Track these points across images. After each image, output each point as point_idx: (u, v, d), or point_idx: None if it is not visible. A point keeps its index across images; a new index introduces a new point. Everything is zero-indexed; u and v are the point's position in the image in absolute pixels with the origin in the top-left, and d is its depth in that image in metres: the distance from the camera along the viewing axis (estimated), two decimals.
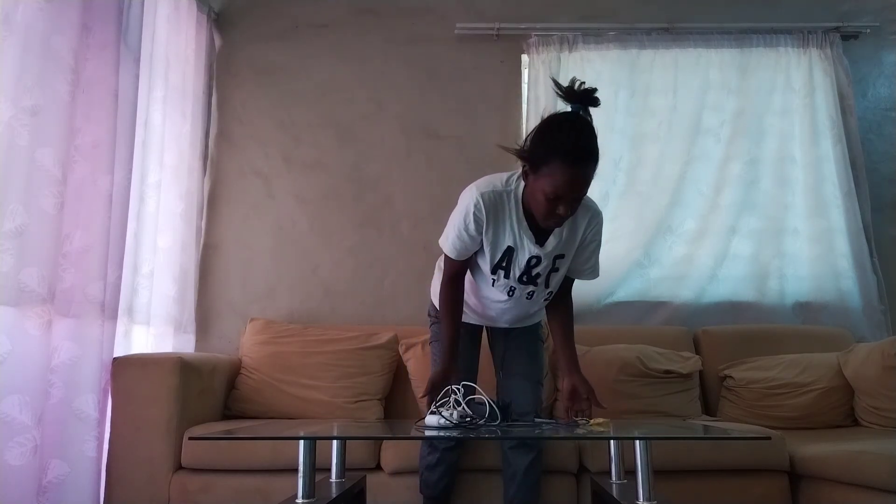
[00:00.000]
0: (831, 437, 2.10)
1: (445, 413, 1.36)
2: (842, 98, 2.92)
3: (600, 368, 2.38)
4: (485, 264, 1.67)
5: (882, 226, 2.90)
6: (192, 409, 2.07)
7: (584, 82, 1.48)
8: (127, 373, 2.00)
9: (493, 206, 1.58)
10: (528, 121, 2.94)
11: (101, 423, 1.90)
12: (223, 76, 3.04)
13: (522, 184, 1.55)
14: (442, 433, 1.32)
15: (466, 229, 1.60)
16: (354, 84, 3.04)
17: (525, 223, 1.60)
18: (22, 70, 1.76)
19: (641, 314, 2.84)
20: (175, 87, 2.67)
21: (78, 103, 1.89)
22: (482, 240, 1.62)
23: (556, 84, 1.49)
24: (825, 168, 2.86)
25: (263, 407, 2.35)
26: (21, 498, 1.67)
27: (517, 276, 1.67)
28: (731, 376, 2.48)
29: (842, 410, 2.36)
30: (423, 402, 1.57)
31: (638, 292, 2.86)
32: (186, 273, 2.71)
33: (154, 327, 2.47)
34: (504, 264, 1.65)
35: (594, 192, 2.92)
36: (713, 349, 2.61)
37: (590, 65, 2.97)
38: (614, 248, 2.85)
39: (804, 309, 2.83)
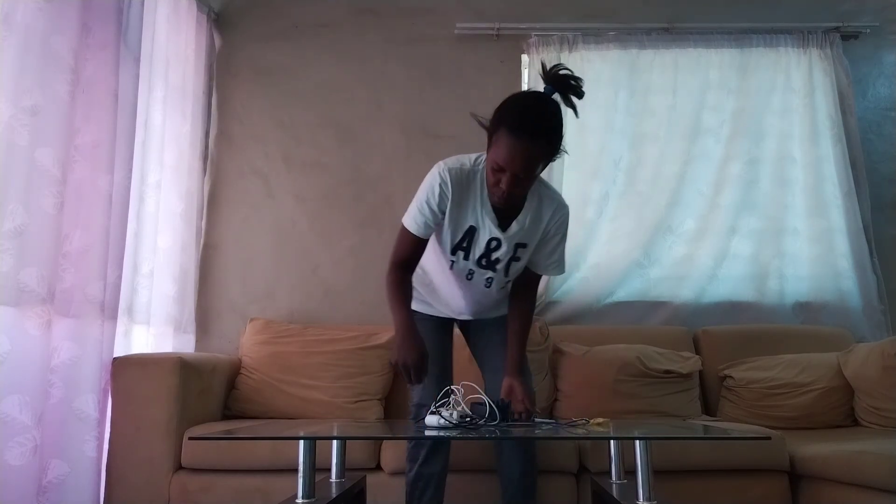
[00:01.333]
0: (831, 437, 2.09)
1: (445, 413, 1.34)
2: (842, 98, 2.92)
3: (600, 368, 2.38)
4: (445, 244, 1.65)
5: (882, 226, 2.90)
6: (192, 409, 2.07)
7: (567, 68, 1.48)
8: (127, 373, 2.00)
9: (458, 183, 1.56)
10: None
11: (101, 423, 1.90)
12: (223, 76, 3.04)
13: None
14: (442, 433, 1.31)
15: (429, 203, 1.58)
16: (354, 84, 3.04)
17: (489, 205, 1.58)
18: (22, 70, 1.76)
19: (641, 314, 2.83)
20: (175, 87, 2.67)
21: (78, 103, 1.89)
22: (444, 218, 1.60)
23: (542, 65, 1.51)
24: (825, 168, 2.86)
25: (263, 407, 2.35)
26: (21, 498, 1.67)
27: (476, 257, 1.65)
28: (731, 376, 2.48)
29: (842, 410, 2.36)
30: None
31: (638, 292, 2.86)
32: (186, 273, 2.71)
33: (154, 327, 2.47)
34: (465, 245, 1.63)
35: (594, 192, 2.97)
36: (713, 349, 2.61)
37: (590, 65, 2.97)
38: (614, 248, 2.85)
39: (804, 309, 2.83)
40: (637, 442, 1.32)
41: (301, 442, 1.34)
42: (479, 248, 1.63)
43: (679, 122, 2.93)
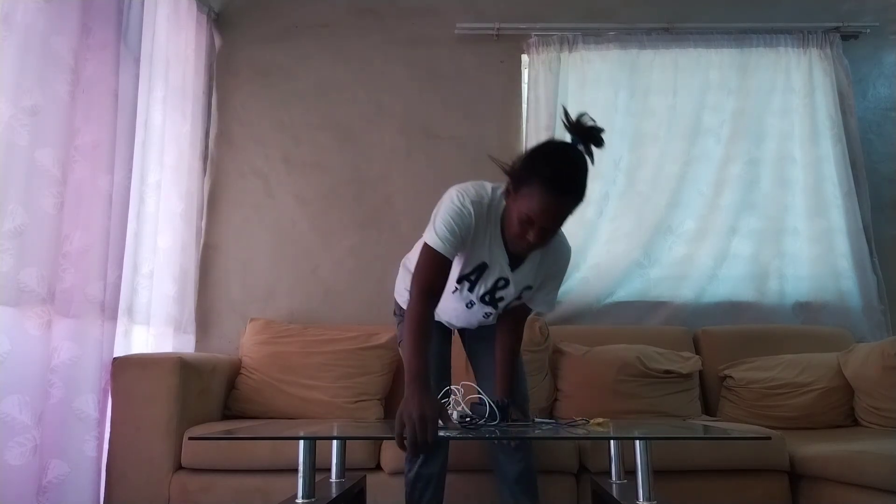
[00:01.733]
0: (831, 437, 2.09)
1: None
2: (842, 98, 2.92)
3: (600, 368, 2.38)
4: (452, 272, 1.59)
5: (882, 226, 2.90)
6: (192, 409, 2.07)
7: (594, 120, 1.45)
8: (127, 373, 2.00)
9: (479, 216, 1.52)
10: (528, 121, 2.94)
11: (101, 423, 1.90)
12: (223, 76, 3.04)
13: (503, 203, 1.53)
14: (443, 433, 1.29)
15: (459, 228, 1.50)
16: (354, 84, 3.04)
17: (501, 243, 1.56)
18: (22, 70, 1.76)
19: (641, 314, 2.83)
20: (175, 88, 2.67)
21: (78, 103, 1.89)
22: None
23: (566, 113, 1.46)
24: (825, 168, 2.86)
25: (263, 407, 2.35)
26: (21, 498, 1.67)
27: (480, 294, 1.62)
28: (731, 376, 2.48)
29: (842, 410, 2.36)
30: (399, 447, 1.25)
31: (638, 292, 2.86)
32: (186, 273, 2.71)
33: (154, 327, 2.47)
34: (472, 278, 1.60)
35: (594, 192, 2.96)
36: (713, 349, 2.61)
37: (590, 65, 2.97)
38: (614, 248, 2.85)
39: (804, 309, 2.83)
40: (637, 442, 1.32)
41: (301, 442, 1.32)
42: (485, 286, 1.61)
43: (679, 122, 2.93)
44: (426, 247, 1.51)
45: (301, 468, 1.32)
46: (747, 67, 2.97)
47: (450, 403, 1.46)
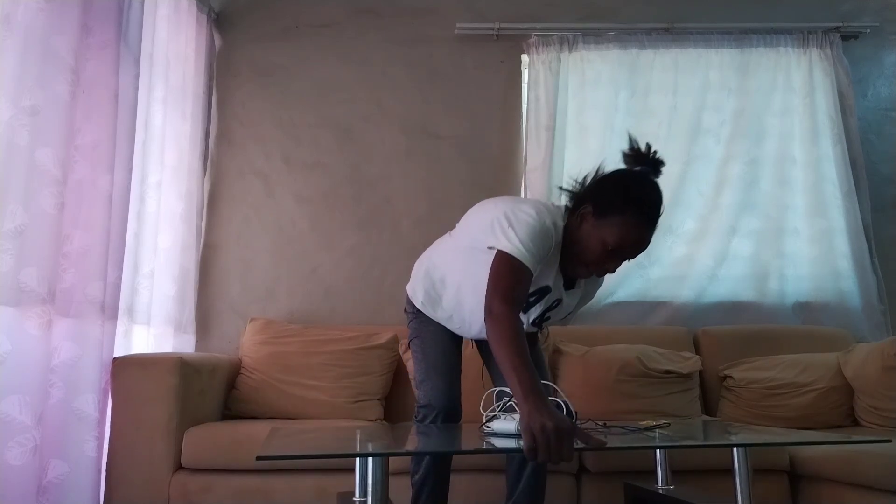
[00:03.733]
0: (831, 437, 2.09)
1: (514, 420, 1.23)
2: (842, 98, 2.92)
3: (600, 368, 2.38)
4: None
5: (882, 226, 2.90)
6: (192, 409, 2.07)
7: (656, 151, 1.50)
8: (127, 373, 2.00)
9: (555, 239, 1.46)
10: (528, 121, 2.93)
11: (101, 423, 1.90)
12: (223, 76, 3.04)
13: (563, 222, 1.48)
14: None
15: (542, 246, 1.41)
16: (354, 84, 3.04)
17: (557, 265, 1.50)
18: (22, 70, 1.76)
19: (641, 314, 2.83)
20: (175, 88, 2.67)
21: (78, 103, 1.89)
22: None
23: (630, 140, 1.49)
24: (825, 168, 2.86)
25: (263, 407, 2.35)
26: (21, 498, 1.67)
27: (533, 317, 1.57)
28: (731, 376, 2.48)
29: (842, 410, 2.36)
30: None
31: (638, 292, 2.86)
32: (186, 273, 2.71)
33: (154, 327, 2.47)
34: (531, 300, 1.53)
35: None
36: (713, 349, 2.61)
37: (590, 65, 2.97)
38: None
39: (804, 309, 2.83)
40: (735, 449, 1.29)
41: (371, 460, 1.14)
42: (541, 308, 1.56)
43: (679, 122, 2.93)
44: (507, 257, 1.39)
45: (371, 492, 1.12)
46: (747, 67, 2.97)
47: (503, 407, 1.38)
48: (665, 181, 2.83)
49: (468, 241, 1.60)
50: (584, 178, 1.53)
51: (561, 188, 1.54)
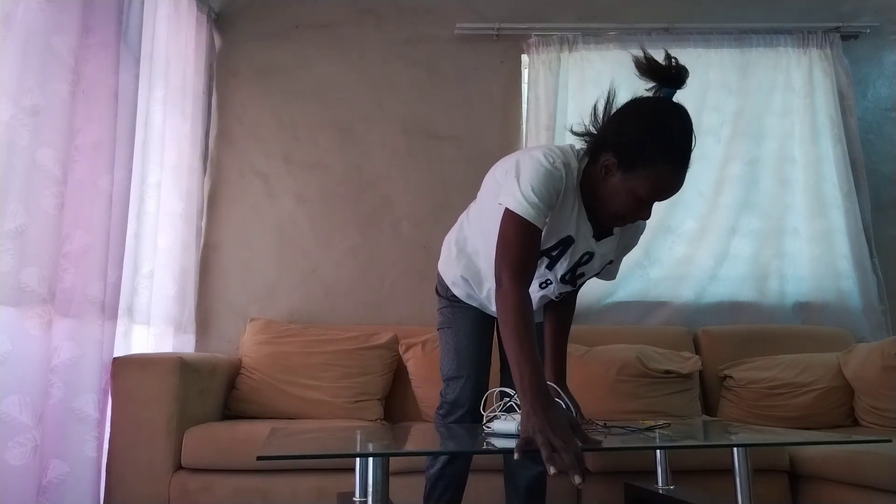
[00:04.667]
0: (832, 437, 2.09)
1: (515, 420, 1.20)
2: (842, 98, 2.92)
3: (600, 368, 2.38)
4: None
5: (882, 226, 2.90)
6: (192, 409, 2.07)
7: (675, 58, 1.29)
8: (127, 373, 2.00)
9: (569, 180, 1.31)
10: (528, 121, 2.93)
11: (101, 423, 1.90)
12: (223, 76, 3.04)
13: (580, 164, 1.35)
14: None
15: (549, 191, 1.27)
16: (354, 84, 3.04)
17: (585, 212, 1.37)
18: (22, 70, 1.75)
19: (641, 314, 2.83)
20: (175, 87, 2.67)
21: (78, 103, 1.89)
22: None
23: (646, 58, 1.29)
24: (825, 168, 2.86)
25: (263, 407, 2.35)
26: (21, 498, 1.67)
27: (561, 273, 1.44)
28: (731, 376, 2.48)
29: (842, 410, 2.36)
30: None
31: (638, 292, 2.86)
32: (186, 273, 2.71)
33: (154, 327, 2.47)
34: (554, 254, 1.40)
35: None
36: (713, 349, 2.61)
37: (590, 65, 2.97)
38: None
39: (804, 309, 2.83)
40: (735, 449, 1.28)
41: (371, 460, 1.12)
42: (569, 262, 1.43)
43: None
44: (513, 217, 1.26)
45: (371, 492, 1.10)
46: (747, 67, 2.97)
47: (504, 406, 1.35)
48: None
49: (493, 192, 1.46)
50: (596, 113, 1.38)
51: (572, 131, 1.38)
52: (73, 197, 1.86)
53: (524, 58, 3.05)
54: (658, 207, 2.79)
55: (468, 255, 1.59)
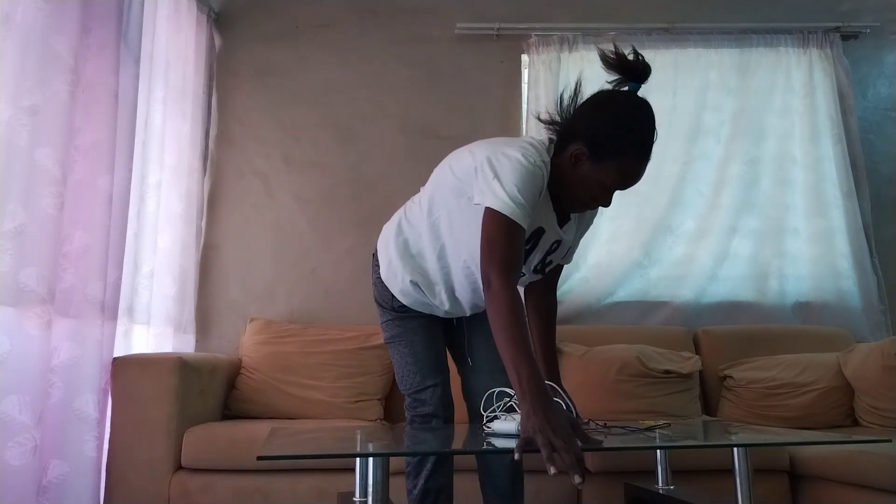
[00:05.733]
0: (831, 437, 2.09)
1: (515, 420, 1.20)
2: (842, 98, 2.92)
3: (600, 368, 2.38)
4: None
5: (882, 226, 2.90)
6: (192, 409, 2.07)
7: (641, 54, 1.33)
8: (127, 373, 2.00)
9: (545, 178, 1.34)
10: (528, 121, 2.93)
11: (101, 423, 1.90)
12: (223, 76, 3.04)
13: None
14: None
15: (533, 192, 1.29)
16: (354, 84, 3.04)
17: (550, 202, 1.40)
18: (22, 70, 1.76)
19: (641, 314, 2.83)
20: (175, 88, 2.67)
21: (78, 103, 1.89)
22: None
23: (616, 54, 1.32)
24: (825, 168, 2.86)
25: (263, 407, 2.35)
26: (21, 498, 1.67)
27: (534, 264, 1.46)
28: (731, 376, 2.48)
29: (842, 410, 2.36)
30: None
31: (638, 292, 2.86)
32: (186, 273, 2.71)
33: (154, 327, 2.47)
34: (528, 247, 1.40)
35: None
36: (713, 349, 2.61)
37: (590, 65, 2.97)
38: (614, 248, 2.85)
39: (804, 309, 2.83)
40: (736, 449, 1.28)
41: (371, 460, 1.12)
42: (540, 253, 1.45)
43: (679, 122, 2.93)
44: (498, 216, 1.25)
45: (371, 492, 1.10)
46: (747, 67, 2.97)
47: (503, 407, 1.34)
48: (665, 181, 2.89)
49: (449, 186, 1.47)
50: (563, 103, 1.41)
51: (540, 119, 1.42)
52: (72, 197, 1.86)
53: (524, 58, 3.05)
54: (658, 207, 2.86)
55: (413, 258, 1.56)
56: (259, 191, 2.96)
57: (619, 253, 2.85)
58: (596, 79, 3.14)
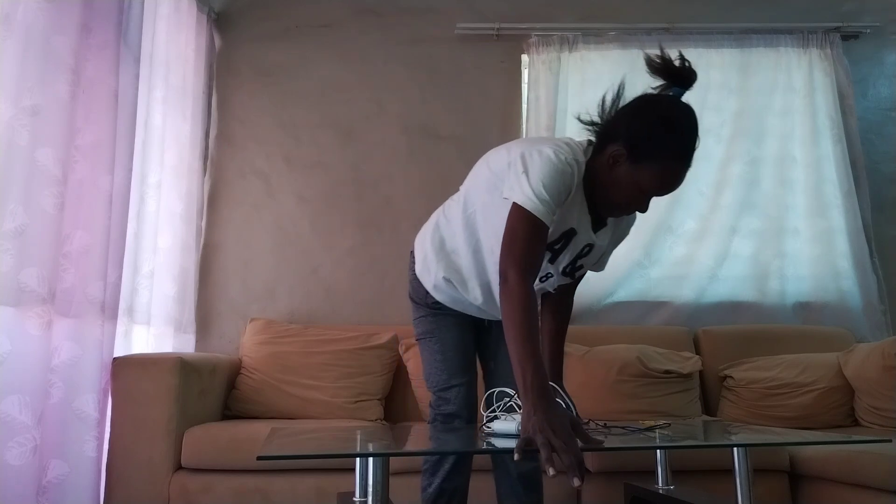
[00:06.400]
0: (831, 437, 2.09)
1: (515, 420, 1.19)
2: (842, 98, 2.92)
3: (600, 368, 2.38)
4: None
5: (882, 226, 2.90)
6: (192, 409, 2.07)
7: (688, 60, 1.31)
8: (127, 373, 2.00)
9: (577, 177, 1.32)
10: (528, 121, 2.93)
11: (101, 423, 1.90)
12: (223, 76, 3.04)
13: (586, 158, 1.36)
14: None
15: (560, 190, 1.27)
16: (354, 84, 3.04)
17: (586, 204, 1.38)
18: (22, 70, 1.76)
19: (641, 314, 2.83)
20: (175, 88, 2.67)
21: (78, 103, 1.89)
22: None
23: (661, 58, 1.31)
24: (825, 168, 2.86)
25: (263, 407, 2.35)
26: (21, 498, 1.67)
27: (563, 266, 1.44)
28: (731, 376, 2.48)
29: (842, 410, 2.36)
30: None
31: (638, 292, 2.86)
32: (186, 273, 2.71)
33: (154, 327, 2.47)
34: (557, 247, 1.40)
35: None
36: (713, 349, 2.61)
37: (590, 65, 2.97)
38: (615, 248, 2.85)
39: (804, 309, 2.83)
40: (736, 449, 1.28)
41: (371, 460, 1.11)
42: (570, 254, 1.43)
43: None
44: (522, 212, 1.25)
45: (371, 492, 1.10)
46: (748, 67, 2.97)
47: (502, 406, 1.34)
48: None
49: (484, 181, 1.46)
50: (605, 105, 1.39)
51: (580, 119, 1.40)
52: (73, 197, 1.86)
53: (524, 58, 3.05)
54: (658, 207, 2.85)
55: (447, 255, 1.57)
56: (259, 191, 2.96)
57: (619, 253, 2.79)
58: (596, 80, 3.15)
